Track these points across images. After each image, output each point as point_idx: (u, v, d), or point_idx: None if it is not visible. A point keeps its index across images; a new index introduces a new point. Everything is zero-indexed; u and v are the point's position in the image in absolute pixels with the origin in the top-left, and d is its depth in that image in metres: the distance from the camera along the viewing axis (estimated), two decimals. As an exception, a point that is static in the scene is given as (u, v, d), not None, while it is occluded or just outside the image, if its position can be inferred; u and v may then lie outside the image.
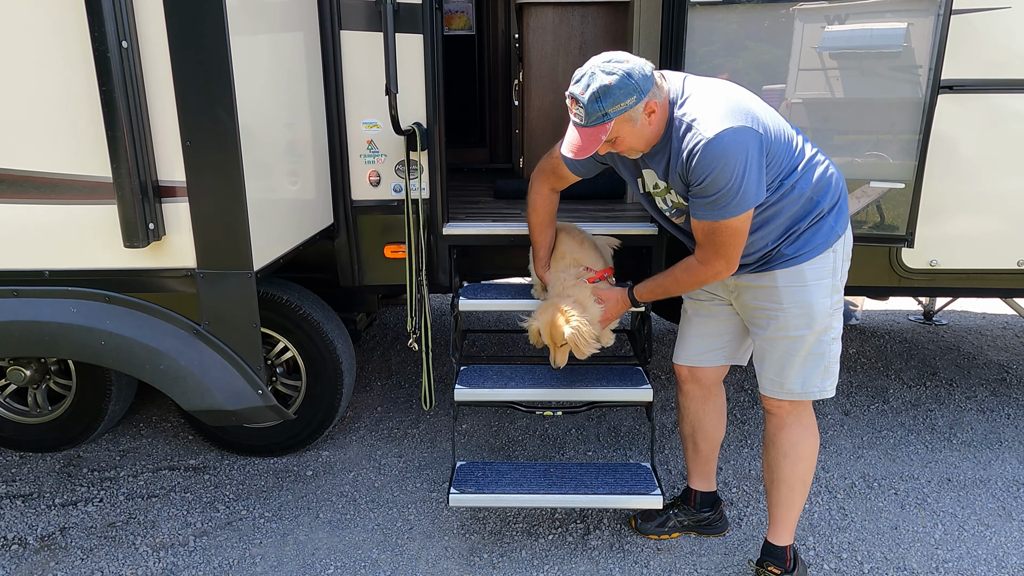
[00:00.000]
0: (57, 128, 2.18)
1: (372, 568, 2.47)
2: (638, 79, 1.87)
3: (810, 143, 2.10)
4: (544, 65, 3.85)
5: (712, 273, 2.07)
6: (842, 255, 2.10)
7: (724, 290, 2.27)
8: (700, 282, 2.16)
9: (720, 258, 2.02)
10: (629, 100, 1.87)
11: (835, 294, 2.10)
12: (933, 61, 2.60)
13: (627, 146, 2.01)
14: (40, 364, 3.02)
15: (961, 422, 3.43)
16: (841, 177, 2.11)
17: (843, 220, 2.09)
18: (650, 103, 1.92)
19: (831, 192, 2.05)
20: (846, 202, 2.11)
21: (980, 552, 2.52)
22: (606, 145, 2.00)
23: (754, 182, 1.89)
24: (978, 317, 4.85)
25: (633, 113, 1.91)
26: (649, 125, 1.96)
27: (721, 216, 1.93)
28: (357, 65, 2.73)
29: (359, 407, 3.62)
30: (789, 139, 2.02)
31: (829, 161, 2.09)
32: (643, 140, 2.00)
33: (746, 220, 1.95)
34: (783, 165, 1.99)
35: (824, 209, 2.04)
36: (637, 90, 1.87)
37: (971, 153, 2.80)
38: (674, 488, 2.88)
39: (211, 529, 2.68)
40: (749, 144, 1.87)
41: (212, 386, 2.36)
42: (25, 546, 2.59)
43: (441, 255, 2.97)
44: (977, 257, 2.94)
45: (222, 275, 2.26)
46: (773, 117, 2.01)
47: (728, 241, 1.98)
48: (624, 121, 1.91)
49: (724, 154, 1.86)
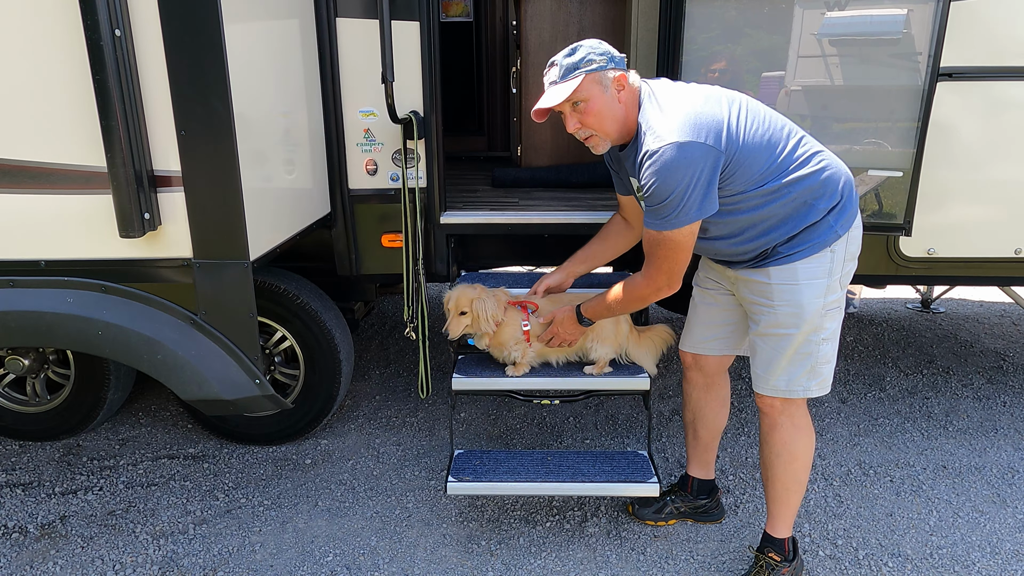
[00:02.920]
0: (51, 118, 2.17)
1: (371, 555, 2.48)
2: (610, 50, 2.00)
3: (810, 145, 2.04)
4: (542, 52, 3.83)
5: (654, 289, 2.10)
6: (842, 255, 2.05)
7: (727, 281, 2.27)
8: (642, 299, 2.18)
9: (662, 273, 2.05)
10: (601, 60, 1.97)
11: (830, 294, 2.05)
12: (932, 48, 2.59)
13: (594, 115, 2.01)
14: (38, 354, 3.03)
15: (957, 410, 3.45)
16: (845, 177, 2.04)
17: (845, 220, 2.03)
18: (620, 76, 1.99)
19: (828, 194, 2.00)
20: (852, 202, 2.05)
21: (974, 538, 2.54)
22: (573, 117, 2.03)
23: (698, 198, 1.90)
24: (975, 305, 4.86)
25: (603, 77, 1.97)
26: (618, 103, 2.00)
27: (663, 227, 1.96)
28: (353, 53, 2.71)
29: (357, 396, 3.63)
30: (774, 146, 1.97)
31: (829, 162, 2.03)
32: (610, 118, 2.01)
33: (690, 235, 1.97)
34: (761, 172, 1.96)
35: (822, 211, 2.00)
36: (608, 55, 1.99)
37: (970, 141, 2.79)
38: (671, 476, 2.89)
39: (210, 517, 2.69)
40: (697, 161, 1.87)
41: (209, 376, 2.36)
42: (26, 534, 2.61)
43: (438, 244, 2.96)
44: (975, 245, 2.94)
45: (218, 265, 2.26)
46: (755, 124, 1.97)
47: (670, 256, 2.01)
48: (594, 82, 1.97)
49: (667, 167, 1.88)
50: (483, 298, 2.48)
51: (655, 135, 1.92)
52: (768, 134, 1.98)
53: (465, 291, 2.50)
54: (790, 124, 2.06)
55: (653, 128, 1.93)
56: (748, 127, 1.95)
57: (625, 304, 2.23)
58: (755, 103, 2.04)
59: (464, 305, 2.47)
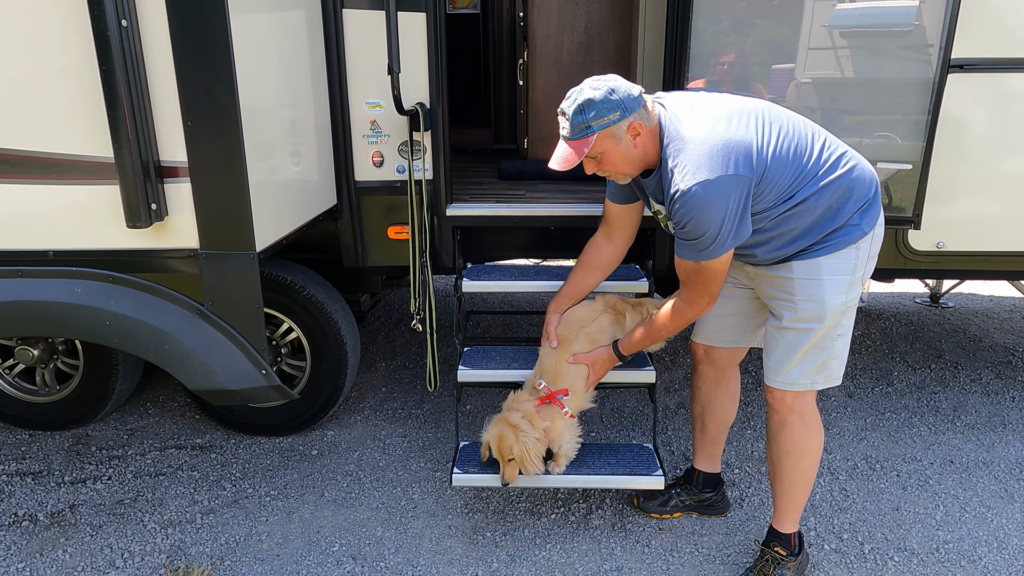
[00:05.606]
0: (59, 108, 2.18)
1: (377, 545, 2.50)
2: (622, 96, 1.91)
3: (835, 146, 2.00)
4: (549, 44, 3.81)
5: (697, 311, 2.12)
6: (866, 253, 2.02)
7: (745, 277, 2.25)
8: (687, 321, 2.18)
9: (703, 296, 2.07)
10: (612, 115, 1.90)
11: (851, 291, 2.03)
12: (944, 39, 2.56)
13: (612, 165, 2.01)
14: (47, 344, 3.05)
15: (965, 404, 3.43)
16: (870, 175, 2.01)
17: (870, 218, 2.00)
18: (634, 123, 1.93)
19: (855, 196, 1.97)
20: (878, 200, 2.03)
21: (981, 533, 2.53)
22: (592, 163, 2.03)
23: (734, 227, 1.90)
24: (985, 300, 4.83)
25: (616, 131, 1.92)
26: (634, 148, 1.96)
27: (700, 258, 1.96)
28: (359, 44, 2.70)
29: (363, 388, 3.64)
30: (800, 155, 1.94)
31: (857, 162, 1.99)
32: (628, 162, 2.00)
33: (727, 260, 1.98)
34: (789, 184, 1.93)
35: (849, 213, 1.97)
36: (620, 106, 1.90)
37: (980, 133, 2.76)
38: (676, 469, 2.89)
39: (218, 507, 2.71)
40: (729, 193, 1.86)
41: (216, 366, 2.37)
42: (36, 523, 2.63)
43: (444, 236, 2.96)
44: (985, 239, 2.92)
45: (225, 256, 2.26)
46: (780, 136, 1.93)
47: (710, 280, 2.02)
48: (607, 137, 1.94)
49: (700, 205, 1.86)
50: (523, 440, 2.31)
51: (683, 172, 1.88)
52: (794, 144, 1.94)
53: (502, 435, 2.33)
54: (812, 126, 2.02)
55: (680, 164, 1.89)
56: (774, 141, 1.92)
57: (671, 331, 2.23)
58: (776, 110, 2.00)
59: (507, 452, 2.33)
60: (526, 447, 2.31)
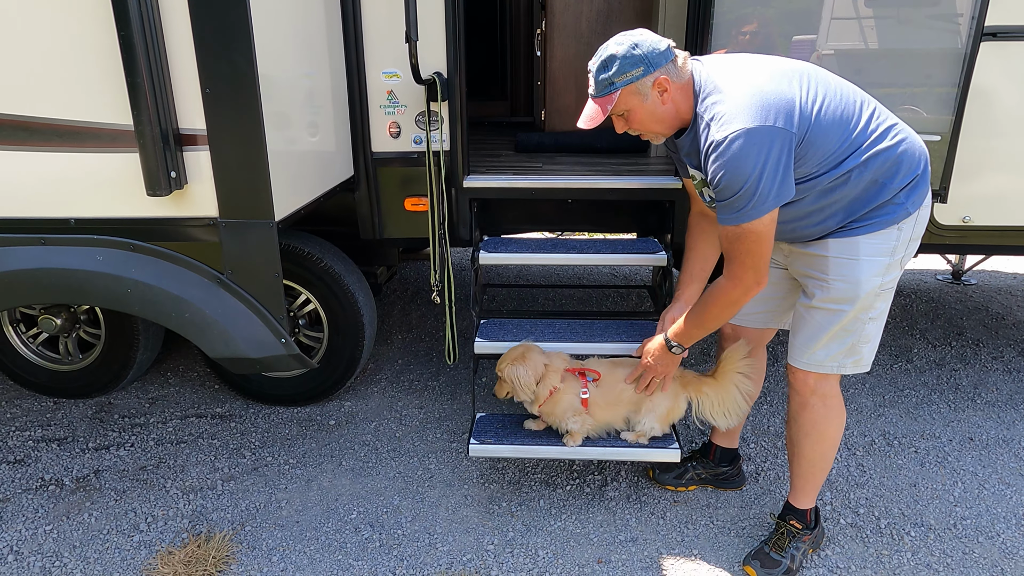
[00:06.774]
0: (78, 75, 2.18)
1: (394, 513, 2.53)
2: (646, 51, 1.84)
3: (885, 116, 1.89)
4: (567, 14, 3.75)
5: (743, 290, 1.94)
6: (908, 235, 1.91)
7: (780, 254, 2.18)
8: (734, 303, 1.99)
9: (747, 271, 1.89)
10: (635, 71, 1.85)
11: (888, 274, 1.94)
12: (977, 5, 2.48)
13: (640, 123, 1.96)
14: (70, 313, 3.09)
15: (986, 382, 3.39)
16: (919, 150, 1.89)
17: (917, 197, 1.89)
18: (661, 79, 1.86)
19: (902, 172, 1.86)
20: (926, 179, 1.91)
21: (999, 510, 2.51)
22: (620, 121, 1.98)
23: (774, 183, 1.76)
24: (1009, 277, 4.75)
25: (640, 86, 1.87)
26: (663, 104, 1.90)
27: (740, 219, 1.81)
28: (376, 12, 2.67)
29: (380, 359, 3.67)
30: (847, 120, 1.83)
31: (906, 135, 1.88)
32: (657, 120, 1.94)
33: (770, 223, 1.82)
34: (834, 151, 1.82)
35: (894, 190, 1.87)
36: (644, 61, 1.84)
37: (1012, 104, 2.69)
38: (692, 442, 2.89)
39: (238, 474, 2.75)
40: (767, 145, 1.73)
41: (236, 334, 2.39)
42: (62, 487, 2.69)
43: (462, 208, 2.95)
44: (1013, 214, 2.86)
45: (244, 224, 2.27)
46: (826, 98, 1.82)
47: (753, 249, 1.85)
48: (631, 94, 1.89)
49: (737, 156, 1.74)
50: (517, 364, 2.34)
51: (719, 123, 1.77)
52: (841, 108, 1.83)
53: (509, 353, 2.35)
54: (861, 94, 1.92)
55: (717, 116, 1.79)
56: (819, 102, 1.81)
57: (718, 315, 2.06)
58: (822, 72, 1.90)
59: (502, 370, 2.36)
60: (516, 376, 2.35)
